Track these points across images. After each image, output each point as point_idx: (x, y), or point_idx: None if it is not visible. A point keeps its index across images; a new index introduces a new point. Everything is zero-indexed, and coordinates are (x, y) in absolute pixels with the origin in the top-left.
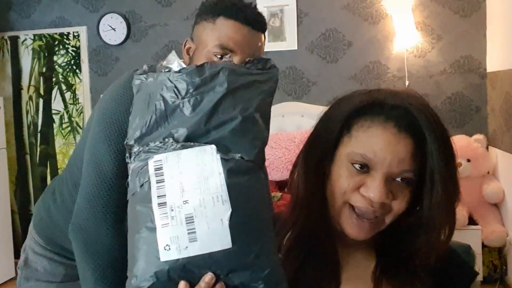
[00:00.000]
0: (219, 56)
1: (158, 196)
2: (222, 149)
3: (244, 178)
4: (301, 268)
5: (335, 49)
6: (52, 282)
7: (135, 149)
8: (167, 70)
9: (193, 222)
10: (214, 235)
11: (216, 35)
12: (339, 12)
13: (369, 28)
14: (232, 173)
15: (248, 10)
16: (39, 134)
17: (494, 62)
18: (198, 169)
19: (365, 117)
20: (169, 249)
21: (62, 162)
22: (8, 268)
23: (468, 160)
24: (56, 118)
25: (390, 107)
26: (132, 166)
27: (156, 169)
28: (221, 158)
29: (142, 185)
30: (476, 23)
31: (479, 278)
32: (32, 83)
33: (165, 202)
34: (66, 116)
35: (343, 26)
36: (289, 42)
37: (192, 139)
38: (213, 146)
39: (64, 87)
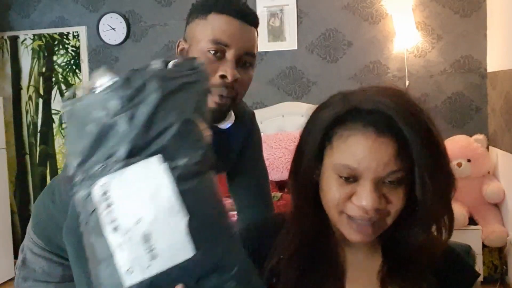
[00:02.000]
0: (213, 52)
1: (110, 222)
2: (167, 158)
3: (194, 182)
4: (304, 273)
5: (335, 49)
6: (50, 282)
7: (78, 178)
8: (93, 90)
9: (150, 239)
10: (175, 247)
11: (208, 30)
12: (339, 12)
13: (369, 28)
14: (181, 180)
15: (238, 4)
16: (38, 134)
17: (494, 62)
18: (146, 184)
19: (343, 126)
20: (132, 271)
21: (62, 162)
22: (7, 268)
23: (469, 160)
24: (55, 118)
25: (366, 113)
26: (78, 195)
27: (102, 194)
28: (168, 168)
29: (91, 213)
30: (476, 23)
31: (479, 278)
32: (32, 83)
33: (118, 226)
34: None
35: (343, 26)
36: (289, 42)
37: (135, 154)
38: (158, 156)
39: (63, 87)
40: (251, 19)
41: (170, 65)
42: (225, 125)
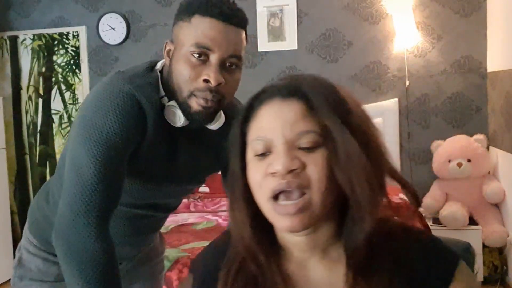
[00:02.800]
0: (197, 55)
1: None
2: None
3: None
4: None
5: (335, 49)
6: (46, 281)
7: None
8: None
9: None
10: None
11: (192, 33)
12: (339, 12)
13: (369, 28)
14: None
15: (224, 6)
16: (38, 134)
17: (494, 62)
18: None
19: (253, 110)
20: None
21: None
22: (7, 268)
23: (469, 160)
24: (55, 118)
25: (271, 87)
26: None
27: None
28: None
29: None
30: (476, 23)
31: (480, 278)
32: (32, 83)
33: None
34: (65, 116)
35: (343, 26)
36: (289, 42)
37: None
38: None
39: (63, 87)
40: (237, 21)
41: (158, 65)
42: (215, 126)
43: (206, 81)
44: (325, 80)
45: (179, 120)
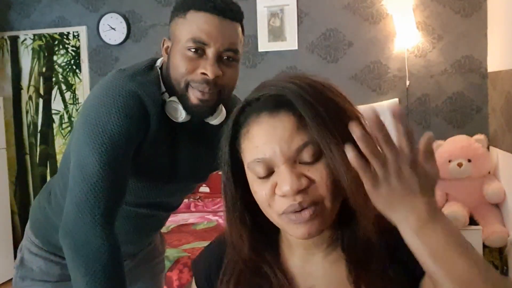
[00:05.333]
0: (193, 50)
1: None
2: None
3: None
4: None
5: (336, 49)
6: (48, 281)
7: None
8: None
9: None
10: None
11: (187, 29)
12: (340, 12)
13: (369, 28)
14: None
15: (217, 0)
16: (39, 134)
17: (495, 62)
18: None
19: (242, 126)
20: None
21: None
22: (7, 269)
23: (469, 160)
24: (56, 118)
25: (255, 100)
26: None
27: None
28: None
29: None
30: (477, 23)
31: None
32: (32, 83)
33: None
34: (66, 116)
35: (344, 26)
36: (290, 42)
37: None
38: None
39: (64, 87)
40: (231, 14)
41: (158, 62)
42: (216, 121)
43: (203, 74)
44: (305, 78)
45: (181, 115)
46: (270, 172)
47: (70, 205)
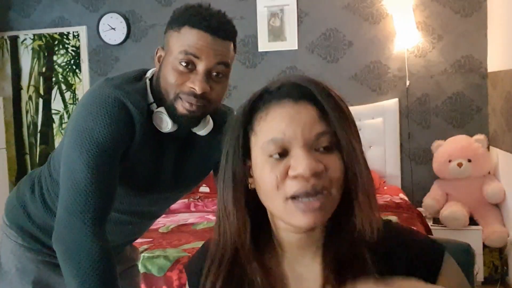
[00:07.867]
0: (184, 64)
1: None
2: None
3: None
4: None
5: (336, 49)
6: (26, 281)
7: None
8: None
9: None
10: None
11: (180, 42)
12: (340, 12)
13: (369, 28)
14: None
15: (213, 19)
16: (38, 134)
17: (495, 62)
18: None
19: (259, 111)
20: None
21: None
22: None
23: (469, 160)
24: (55, 118)
25: (277, 89)
26: None
27: None
28: None
29: None
30: (477, 23)
31: (480, 278)
32: (32, 83)
33: None
34: (66, 116)
35: (344, 26)
36: (290, 42)
37: None
38: None
39: (64, 87)
40: (224, 34)
41: (149, 73)
42: (203, 132)
43: (192, 88)
44: (325, 83)
45: (167, 125)
46: (284, 153)
47: (60, 210)
